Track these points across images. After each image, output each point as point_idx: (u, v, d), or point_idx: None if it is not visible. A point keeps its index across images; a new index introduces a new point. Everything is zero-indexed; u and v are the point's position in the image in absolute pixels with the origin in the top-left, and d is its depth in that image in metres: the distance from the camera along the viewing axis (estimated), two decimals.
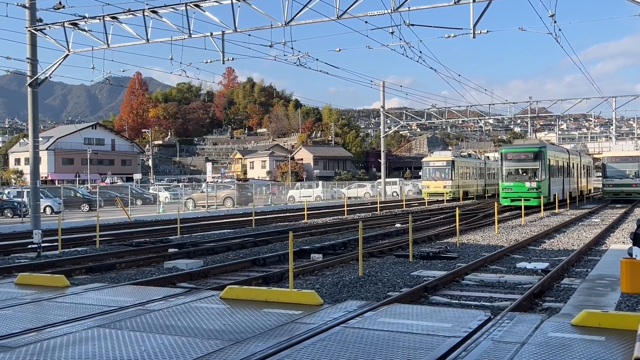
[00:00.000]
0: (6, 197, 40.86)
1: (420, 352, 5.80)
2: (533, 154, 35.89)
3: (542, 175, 35.12)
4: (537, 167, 35.34)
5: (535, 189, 34.77)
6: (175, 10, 20.98)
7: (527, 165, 35.99)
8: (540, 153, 35.61)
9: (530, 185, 34.96)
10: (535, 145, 37.54)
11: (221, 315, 7.56)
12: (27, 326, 7.09)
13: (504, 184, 36.09)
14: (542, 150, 35.90)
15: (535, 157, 35.72)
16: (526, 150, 36.57)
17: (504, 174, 36.28)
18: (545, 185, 35.24)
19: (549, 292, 10.50)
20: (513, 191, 35.40)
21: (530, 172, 35.65)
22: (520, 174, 35.99)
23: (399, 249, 16.45)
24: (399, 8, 19.01)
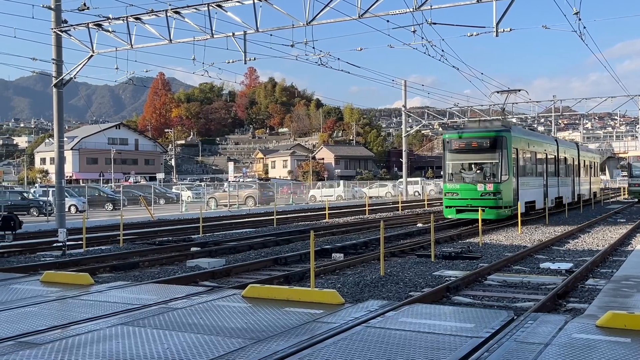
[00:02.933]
0: (32, 196, 41.46)
1: (442, 352, 5.77)
2: (489, 140, 23.66)
3: (503, 174, 23.35)
4: (496, 160, 23.46)
5: (491, 194, 23.04)
6: (198, 10, 21.10)
7: (480, 159, 24.14)
8: (501, 140, 23.43)
9: (484, 189, 23.18)
10: (493, 129, 24.62)
11: (243, 313, 7.59)
12: (53, 323, 7.18)
13: (447, 187, 24.24)
14: (502, 135, 23.54)
15: (493, 145, 23.58)
16: (479, 136, 24.08)
17: (447, 171, 24.64)
18: (508, 188, 23.50)
19: (573, 292, 10.37)
20: (460, 197, 23.60)
21: (488, 169, 23.84)
22: (471, 172, 24.20)
23: (421, 248, 16.37)
24: (421, 7, 18.92)
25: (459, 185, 23.85)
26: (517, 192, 24.37)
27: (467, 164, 24.53)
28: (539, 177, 28.41)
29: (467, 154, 24.34)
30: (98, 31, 23.34)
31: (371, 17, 19.68)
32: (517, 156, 24.60)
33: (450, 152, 24.63)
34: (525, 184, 25.54)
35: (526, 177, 26.09)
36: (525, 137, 26.65)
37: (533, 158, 27.62)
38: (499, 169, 23.45)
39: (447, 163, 24.75)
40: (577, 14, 19.91)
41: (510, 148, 23.70)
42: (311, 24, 20.13)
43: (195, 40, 22.17)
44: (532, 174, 27.45)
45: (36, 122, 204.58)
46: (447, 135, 25.12)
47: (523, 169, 25.80)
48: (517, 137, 24.98)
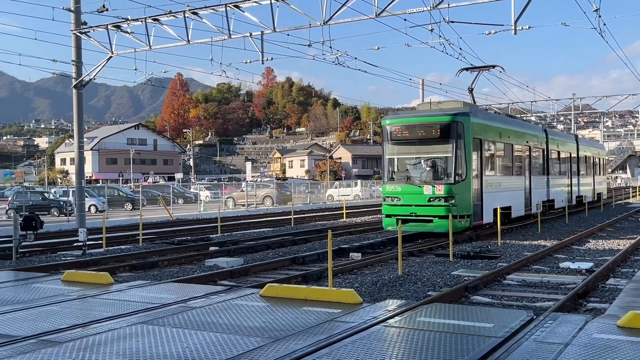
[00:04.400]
0: (53, 196, 41.94)
1: (460, 352, 5.74)
2: (439, 127, 18.07)
3: (458, 172, 17.76)
4: (449, 154, 17.95)
5: (441, 199, 17.64)
6: (215, 11, 21.19)
7: (428, 151, 18.47)
8: (455, 127, 17.89)
9: (432, 192, 17.79)
10: (445, 112, 18.61)
11: (261, 313, 7.61)
12: (73, 322, 7.26)
13: (386, 189, 18.85)
14: (457, 120, 17.92)
15: (445, 133, 18.00)
16: (427, 122, 18.44)
17: (386, 168, 19.26)
18: (466, 191, 17.85)
19: (594, 292, 10.27)
20: (402, 203, 18.22)
21: (438, 166, 18.34)
22: (416, 170, 18.64)
23: (439, 248, 16.31)
24: (439, 5, 18.83)
25: (401, 187, 18.21)
26: (481, 196, 18.55)
27: (411, 159, 18.75)
28: (518, 176, 22.31)
29: (412, 145, 18.64)
30: (117, 32, 23.53)
31: (388, 16, 19.62)
32: (480, 148, 18.71)
33: (390, 144, 18.97)
34: (493, 185, 19.72)
35: (496, 176, 20.37)
36: (494, 124, 20.39)
37: (508, 152, 21.54)
38: (452, 165, 17.69)
39: (387, 158, 19.06)
40: (597, 10, 19.69)
41: (470, 137, 17.92)
42: (328, 24, 20.12)
43: (213, 40, 22.27)
44: (507, 171, 21.50)
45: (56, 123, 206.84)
46: (387, 121, 19.15)
47: (491, 165, 20.01)
48: (480, 123, 18.86)
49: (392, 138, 18.96)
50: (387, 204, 18.69)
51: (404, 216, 17.94)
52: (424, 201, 17.78)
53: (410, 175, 18.68)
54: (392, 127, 18.98)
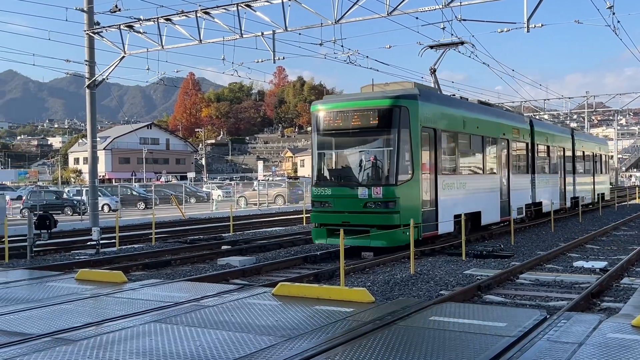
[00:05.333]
0: (66, 196, 42.25)
1: (473, 351, 5.73)
2: (378, 114, 14.57)
3: (402, 170, 14.35)
4: (390, 147, 14.45)
5: (380, 204, 14.18)
6: (227, 10, 21.24)
7: (364, 145, 15.12)
8: (398, 113, 14.36)
9: (369, 196, 14.25)
10: (388, 94, 14.96)
11: (273, 311, 7.63)
12: (87, 320, 7.32)
13: (315, 192, 15.19)
14: (400, 105, 14.40)
15: (385, 122, 14.52)
16: (363, 107, 14.82)
17: (315, 165, 15.57)
18: (412, 194, 14.45)
19: (608, 291, 10.20)
20: (332, 209, 14.74)
21: (377, 162, 14.73)
22: (349, 168, 15.28)
23: (451, 247, 16.26)
24: (451, 3, 18.76)
25: (331, 190, 14.62)
26: (435, 200, 15.11)
27: (343, 155, 15.32)
28: (491, 174, 18.78)
29: (345, 136, 15.02)
30: (129, 32, 23.65)
31: (400, 14, 19.57)
32: (435, 141, 15.21)
33: (319, 135, 15.23)
34: (454, 187, 16.18)
35: (458, 175, 16.72)
36: (455, 112, 16.65)
37: (476, 145, 17.97)
38: (393, 161, 14.11)
39: (315, 152, 15.41)
40: (610, 8, 19.54)
41: (418, 126, 14.36)
42: (340, 22, 20.11)
43: (225, 40, 22.32)
44: (475, 170, 18.16)
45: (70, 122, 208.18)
46: (316, 106, 15.39)
47: (451, 161, 16.54)
48: (434, 109, 15.31)
49: (322, 128, 15.18)
50: (316, 211, 14.97)
51: (334, 225, 14.22)
52: (359, 207, 14.17)
53: (343, 175, 15.05)
54: (321, 114, 15.13)
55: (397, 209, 13.98)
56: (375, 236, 13.83)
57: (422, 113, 14.67)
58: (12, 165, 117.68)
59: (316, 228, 15.14)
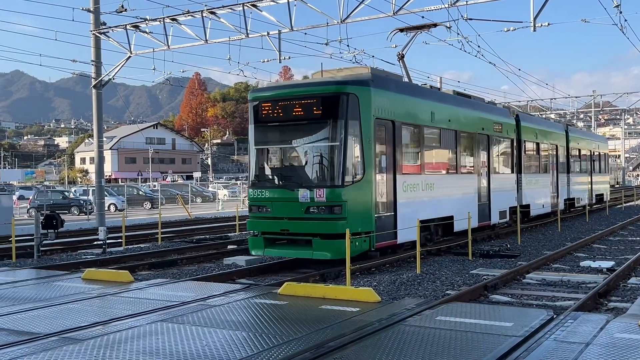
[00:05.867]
0: (73, 195, 42.39)
1: (480, 351, 5.72)
2: (321, 104, 12.47)
3: (349, 169, 12.36)
4: (335, 142, 12.39)
5: (324, 209, 12.17)
6: (233, 10, 21.26)
7: (306, 138, 13.03)
8: (344, 102, 12.32)
9: (310, 199, 12.28)
10: (335, 80, 13.07)
11: (279, 311, 7.64)
12: (94, 320, 7.34)
13: (252, 195, 13.33)
14: (346, 93, 12.36)
15: (330, 112, 12.46)
16: (304, 94, 12.75)
17: (251, 164, 13.88)
18: (363, 197, 12.47)
19: (615, 291, 10.16)
20: (271, 215, 12.84)
21: (321, 160, 12.75)
22: (288, 167, 13.46)
23: (458, 247, 16.23)
24: (456, 2, 18.73)
25: (269, 192, 12.77)
26: (393, 204, 13.18)
27: (283, 151, 13.36)
28: (466, 174, 16.84)
29: (285, 130, 13.03)
30: (135, 32, 23.71)
31: (406, 13, 19.55)
32: (392, 135, 13.20)
33: (256, 128, 13.28)
34: (417, 188, 14.15)
35: (422, 174, 14.45)
36: (416, 101, 14.50)
37: (447, 141, 15.86)
38: (340, 159, 12.12)
39: (252, 149, 13.49)
40: (617, 6, 19.46)
41: (370, 117, 12.43)
42: (345, 22, 20.10)
43: (231, 40, 22.34)
44: (447, 168, 16.04)
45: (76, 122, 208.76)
46: (253, 95, 13.44)
47: (414, 159, 14.42)
48: (389, 97, 13.20)
49: (259, 120, 13.09)
50: (253, 217, 13.00)
51: (273, 234, 12.65)
52: (300, 212, 12.15)
53: (283, 175, 13.01)
54: (259, 104, 13.03)
55: (343, 214, 11.83)
56: (318, 246, 11.88)
57: (376, 102, 12.64)
58: (19, 165, 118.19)
59: (253, 237, 12.94)
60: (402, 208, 13.40)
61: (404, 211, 13.44)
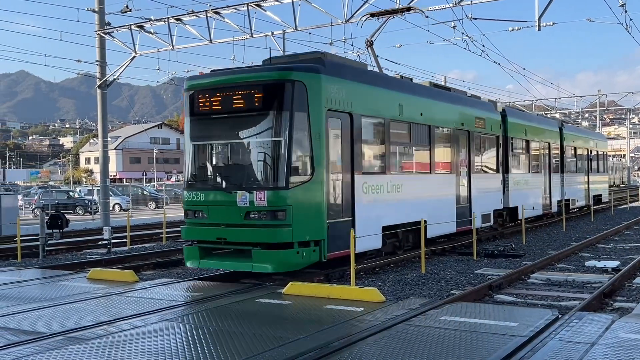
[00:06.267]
0: (78, 195, 42.51)
1: (484, 351, 5.71)
2: (262, 92, 10.73)
3: (297, 168, 10.62)
4: (279, 137, 10.59)
5: (266, 214, 10.33)
6: (237, 10, 21.29)
7: (246, 131, 11.13)
8: (291, 89, 10.59)
9: (249, 203, 10.41)
10: (278, 66, 11.29)
11: (284, 311, 7.64)
12: (99, 319, 7.36)
13: (186, 197, 11.30)
14: (294, 79, 10.62)
15: (274, 101, 10.71)
16: (245, 81, 10.95)
17: (186, 162, 11.81)
18: (311, 201, 10.57)
19: (620, 291, 10.14)
20: (207, 221, 10.91)
21: (263, 158, 10.87)
22: (228, 166, 11.49)
23: (462, 247, 16.21)
24: (461, 2, 18.72)
25: (205, 195, 11.05)
26: (351, 208, 11.45)
27: (221, 147, 11.66)
28: (439, 174, 15.09)
29: (223, 123, 11.29)
30: (140, 33, 23.75)
31: (411, 13, 19.55)
32: (350, 129, 11.55)
33: (192, 121, 11.60)
34: (379, 190, 12.41)
35: (386, 174, 12.73)
36: (380, 91, 12.81)
37: (417, 137, 14.10)
38: (284, 156, 10.47)
39: (187, 144, 11.81)
40: (623, 5, 19.43)
41: (321, 109, 10.80)
42: (350, 22, 20.12)
43: (235, 40, 22.37)
44: (415, 167, 14.25)
45: (81, 122, 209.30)
46: (189, 84, 11.69)
47: (377, 157, 12.73)
48: (346, 86, 11.53)
49: (195, 112, 11.43)
50: (189, 223, 11.25)
51: (209, 243, 10.93)
52: (239, 218, 10.46)
53: (220, 175, 11.35)
54: (194, 94, 11.39)
55: (288, 220, 10.11)
56: (259, 258, 10.12)
57: (328, 91, 10.94)
58: (24, 165, 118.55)
59: (188, 246, 11.12)
60: (362, 212, 11.63)
61: (365, 216, 11.73)
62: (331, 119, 11.04)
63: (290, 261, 10.14)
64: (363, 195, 11.76)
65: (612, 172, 66.45)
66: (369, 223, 11.84)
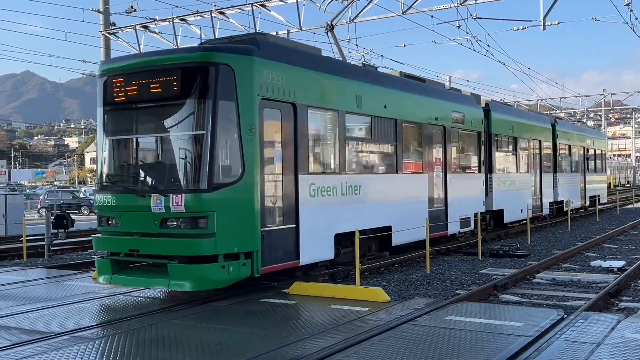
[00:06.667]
0: (83, 195, 42.63)
1: (490, 351, 5.70)
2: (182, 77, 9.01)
3: (222, 167, 8.88)
4: (200, 131, 8.86)
5: (183, 222, 8.62)
6: (242, 10, 21.32)
7: (165, 126, 9.47)
8: (215, 73, 8.90)
9: (164, 208, 8.68)
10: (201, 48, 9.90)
11: (289, 310, 7.65)
12: (105, 319, 7.38)
13: (98, 201, 9.53)
14: (218, 61, 8.94)
15: (194, 89, 8.96)
16: (160, 64, 9.22)
17: (98, 160, 9.93)
18: (240, 206, 8.84)
19: (626, 291, 10.10)
20: (119, 230, 9.19)
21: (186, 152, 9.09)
22: (143, 164, 9.62)
23: (467, 247, 16.19)
24: (466, 1, 18.70)
25: (116, 199, 9.35)
26: (295, 213, 9.83)
27: (134, 143, 9.83)
28: (408, 174, 13.54)
29: (138, 115, 9.78)
30: (145, 33, 23.80)
31: (415, 12, 19.55)
32: (293, 122, 9.99)
33: (105, 111, 9.90)
34: (330, 192, 10.77)
35: (341, 174, 11.14)
36: (332, 79, 11.13)
37: (380, 132, 12.51)
38: (205, 153, 8.85)
39: (99, 138, 10.05)
40: (628, 5, 19.39)
41: (253, 98, 9.22)
42: (354, 22, 20.12)
43: None
44: (378, 166, 12.91)
45: (86, 122, 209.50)
46: (102, 68, 10.04)
47: (329, 155, 11.13)
48: (286, 72, 9.94)
49: (108, 101, 9.73)
50: (101, 231, 9.63)
51: (124, 255, 9.20)
52: (154, 226, 8.83)
53: (132, 175, 9.66)
54: (107, 80, 9.72)
55: (210, 229, 8.47)
56: (176, 273, 8.40)
57: (263, 77, 9.34)
58: (30, 165, 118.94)
59: (100, 258, 9.34)
60: (308, 218, 9.97)
61: (312, 222, 10.06)
62: (268, 109, 9.41)
63: (213, 277, 8.44)
64: (310, 198, 10.08)
65: (617, 171, 66.26)
66: (318, 230, 10.23)
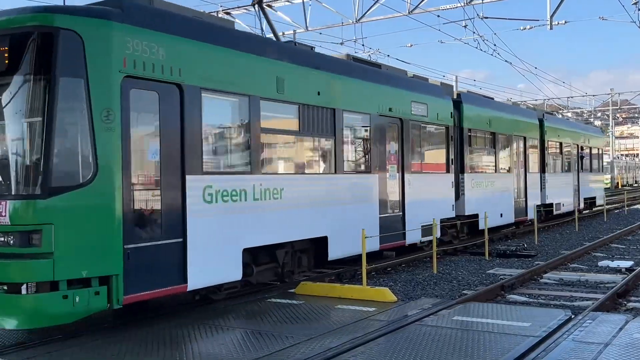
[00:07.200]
0: None
1: (497, 351, 5.69)
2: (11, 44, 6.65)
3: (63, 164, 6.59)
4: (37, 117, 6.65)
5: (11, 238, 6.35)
6: (248, 11, 21.35)
7: None
8: (57, 42, 6.55)
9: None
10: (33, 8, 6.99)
11: (295, 310, 7.65)
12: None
13: None
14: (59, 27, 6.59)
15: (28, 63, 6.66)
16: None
17: None
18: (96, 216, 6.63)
19: (634, 291, 10.06)
20: None
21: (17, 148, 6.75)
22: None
23: (474, 247, 16.16)
24: (472, 1, 18.66)
25: None
26: (181, 224, 7.56)
27: None
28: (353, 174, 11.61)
29: None
30: None
31: (421, 12, 19.52)
32: (177, 109, 7.72)
33: None
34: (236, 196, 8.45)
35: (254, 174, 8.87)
36: (234, 53, 8.70)
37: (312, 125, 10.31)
38: (41, 146, 6.58)
39: None
40: (636, 4, 19.31)
41: (111, 75, 6.96)
42: (361, 22, 20.11)
43: None
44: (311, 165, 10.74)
45: None
46: None
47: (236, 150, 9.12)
48: (160, 41, 7.51)
49: None
50: None
51: None
52: None
53: None
54: None
55: (45, 247, 6.38)
56: (2, 306, 6.40)
57: (127, 48, 7.13)
58: None
59: None
60: (200, 230, 7.75)
61: (207, 235, 7.88)
62: (137, 90, 7.23)
63: (51, 311, 6.31)
64: (205, 205, 7.88)
65: (625, 171, 65.94)
66: (217, 245, 7.99)
